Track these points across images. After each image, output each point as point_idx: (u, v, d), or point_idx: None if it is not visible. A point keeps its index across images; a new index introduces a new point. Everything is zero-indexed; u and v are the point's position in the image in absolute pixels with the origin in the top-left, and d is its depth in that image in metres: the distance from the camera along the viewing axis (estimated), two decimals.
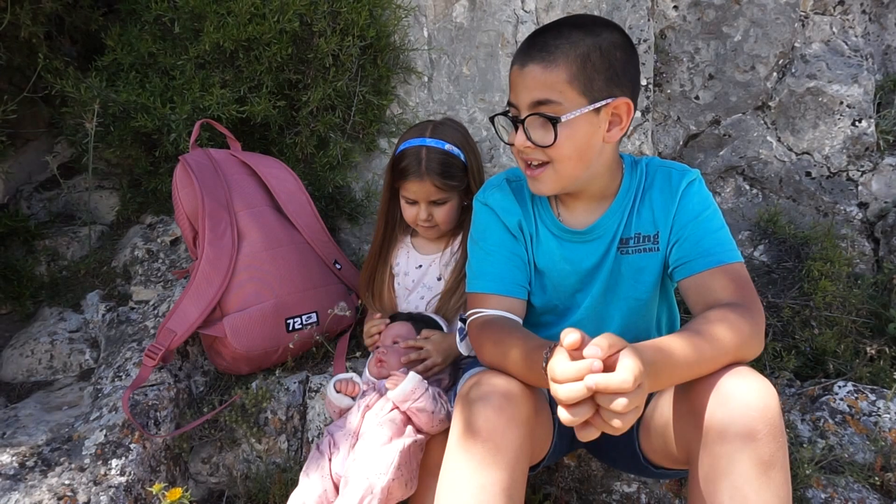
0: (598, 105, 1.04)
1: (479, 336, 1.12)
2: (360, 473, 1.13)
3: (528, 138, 1.06)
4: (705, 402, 0.89)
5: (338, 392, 1.32)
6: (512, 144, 1.11)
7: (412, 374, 1.25)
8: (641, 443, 1.10)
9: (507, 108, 1.12)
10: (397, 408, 1.23)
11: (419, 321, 1.46)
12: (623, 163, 1.20)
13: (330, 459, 1.22)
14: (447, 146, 1.46)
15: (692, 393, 0.91)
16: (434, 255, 1.57)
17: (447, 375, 1.41)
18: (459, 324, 1.29)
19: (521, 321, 1.17)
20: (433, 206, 1.49)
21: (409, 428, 1.23)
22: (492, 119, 1.17)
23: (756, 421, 0.85)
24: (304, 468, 1.24)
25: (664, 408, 1.02)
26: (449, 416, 1.20)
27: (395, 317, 1.51)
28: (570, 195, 1.18)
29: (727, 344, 0.92)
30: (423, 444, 1.23)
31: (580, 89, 1.03)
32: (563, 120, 1.03)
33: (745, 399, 0.86)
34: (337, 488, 1.19)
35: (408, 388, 1.21)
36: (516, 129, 1.09)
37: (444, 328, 1.46)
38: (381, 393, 1.29)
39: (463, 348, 1.26)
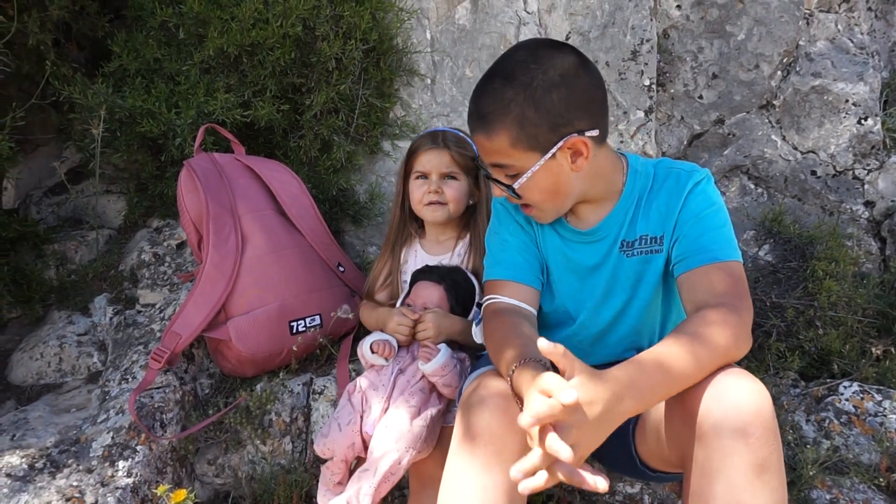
0: (549, 155, 1.05)
1: (489, 324, 1.16)
2: (390, 446, 1.22)
3: (503, 191, 1.13)
4: (699, 402, 0.89)
5: (373, 353, 1.40)
6: None
7: (444, 349, 1.33)
8: (637, 446, 1.10)
9: None
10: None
11: (446, 277, 1.50)
12: (625, 162, 1.19)
13: (361, 416, 1.31)
14: (461, 133, 1.57)
15: (685, 393, 0.92)
16: (442, 256, 1.58)
17: (467, 357, 1.44)
18: (475, 309, 1.31)
19: (534, 312, 1.19)
20: (444, 181, 1.52)
21: (434, 395, 1.35)
22: (475, 162, 1.22)
23: (749, 423, 0.84)
24: (334, 415, 1.34)
25: (658, 410, 1.02)
26: None
27: (421, 272, 1.53)
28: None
29: (722, 346, 0.92)
30: (444, 408, 1.34)
31: (525, 147, 1.04)
32: (516, 186, 1.08)
33: (739, 400, 0.86)
34: (364, 445, 1.29)
35: (439, 363, 1.31)
36: (492, 181, 1.14)
37: (474, 282, 1.50)
38: (414, 356, 1.39)
39: (477, 335, 1.30)
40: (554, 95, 1.02)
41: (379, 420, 1.29)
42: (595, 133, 1.07)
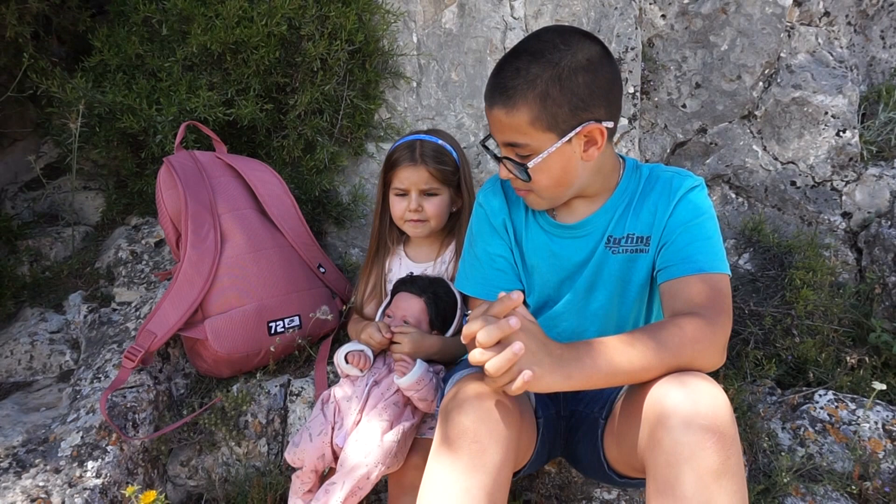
0: (566, 138, 1.05)
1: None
2: (359, 460, 1.20)
3: (510, 171, 1.12)
4: (653, 410, 0.89)
5: (347, 363, 1.38)
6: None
7: (419, 363, 1.31)
8: (606, 451, 1.10)
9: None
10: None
11: (427, 290, 1.47)
12: (623, 164, 1.21)
13: (333, 427, 1.30)
14: (440, 142, 1.53)
15: (642, 401, 0.91)
16: (426, 264, 1.57)
17: (443, 369, 1.43)
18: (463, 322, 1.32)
19: None
20: (424, 198, 1.50)
21: (408, 409, 1.33)
22: (483, 144, 1.19)
23: (704, 430, 0.84)
24: (306, 423, 1.33)
25: (622, 415, 1.02)
26: None
27: (403, 283, 1.51)
28: None
29: (686, 353, 0.92)
30: (418, 422, 1.33)
31: (545, 127, 1.04)
32: (530, 166, 1.07)
33: (694, 408, 0.86)
34: (335, 456, 1.28)
35: (415, 377, 1.28)
36: (499, 160, 1.13)
37: (456, 294, 1.48)
38: (390, 368, 1.37)
39: None
40: (580, 78, 1.03)
41: (350, 432, 1.27)
42: (611, 125, 1.08)
